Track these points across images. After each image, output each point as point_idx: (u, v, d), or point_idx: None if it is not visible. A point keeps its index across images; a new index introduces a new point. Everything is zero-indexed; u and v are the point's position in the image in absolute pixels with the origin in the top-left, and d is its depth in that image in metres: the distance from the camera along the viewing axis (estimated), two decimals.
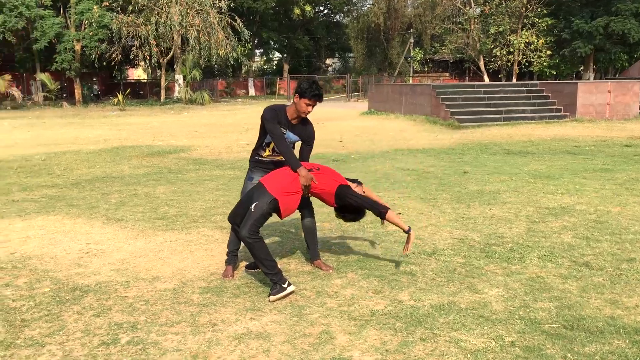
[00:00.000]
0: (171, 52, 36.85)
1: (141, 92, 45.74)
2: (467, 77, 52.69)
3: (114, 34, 33.59)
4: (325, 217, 6.60)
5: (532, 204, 7.30)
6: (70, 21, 35.72)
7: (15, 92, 32.32)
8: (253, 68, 55.42)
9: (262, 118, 4.72)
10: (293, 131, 4.79)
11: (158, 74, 41.15)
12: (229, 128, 19.66)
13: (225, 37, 35.38)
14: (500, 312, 4.01)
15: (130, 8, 33.99)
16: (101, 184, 9.13)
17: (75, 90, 37.05)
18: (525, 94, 20.11)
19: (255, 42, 52.49)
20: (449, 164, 10.84)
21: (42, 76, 34.30)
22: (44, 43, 33.95)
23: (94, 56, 34.31)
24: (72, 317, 3.95)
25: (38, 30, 33.98)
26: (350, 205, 4.63)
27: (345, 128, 18.54)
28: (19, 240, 5.89)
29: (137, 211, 7.19)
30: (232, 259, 4.89)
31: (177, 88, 36.75)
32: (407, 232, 4.59)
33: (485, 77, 41.70)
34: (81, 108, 32.25)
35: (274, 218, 4.68)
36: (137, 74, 59.86)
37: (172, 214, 7.02)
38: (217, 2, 35.40)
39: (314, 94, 4.62)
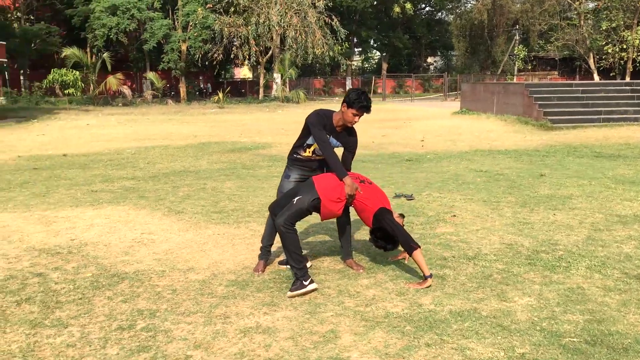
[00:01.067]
0: (270, 52, 37.78)
1: (242, 91, 47.27)
2: (577, 76, 49.97)
3: (216, 35, 34.94)
4: None
5: (603, 211, 6.84)
6: (177, 23, 37.59)
7: (126, 90, 34.43)
8: (353, 67, 55.71)
9: (308, 122, 4.72)
10: (337, 138, 4.78)
11: (258, 73, 42.37)
12: None
13: (322, 36, 35.77)
14: (522, 322, 3.81)
15: (232, 9, 35.21)
16: (175, 178, 9.56)
17: (181, 89, 38.94)
18: (629, 94, 18.78)
19: (354, 40, 52.72)
20: (527, 166, 10.37)
21: (150, 75, 36.33)
22: (153, 43, 35.95)
23: (197, 56, 35.88)
24: (102, 302, 4.19)
25: (148, 32, 36.04)
26: (385, 231, 4.56)
27: (431, 127, 18.21)
28: (83, 228, 6.30)
29: (198, 204, 7.47)
30: (264, 254, 4.97)
31: (274, 87, 37.64)
32: (426, 277, 4.47)
33: (595, 76, 39.39)
34: (184, 105, 33.80)
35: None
36: (243, 72, 61.86)
37: (229, 209, 7.23)
38: (315, 1, 35.87)
39: (362, 105, 4.57)
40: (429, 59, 65.69)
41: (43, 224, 6.49)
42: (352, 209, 4.81)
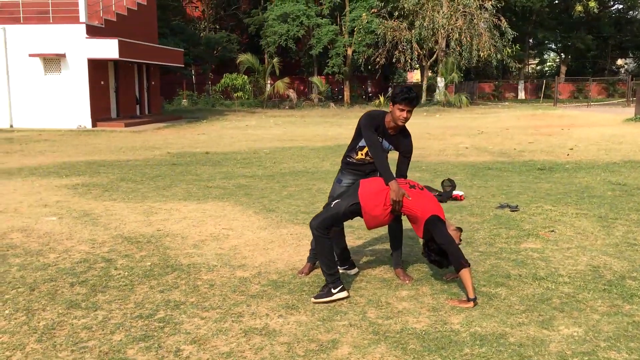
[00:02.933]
0: (434, 55, 37.17)
1: None
2: None
3: (379, 39, 35.19)
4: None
5: None
6: (344, 28, 38.50)
7: (292, 94, 36.00)
8: (529, 70, 52.77)
9: (359, 123, 4.61)
10: (389, 141, 4.60)
11: (424, 77, 41.91)
12: (462, 130, 19.20)
13: (490, 37, 34.37)
14: (550, 354, 3.33)
15: (396, 13, 35.21)
16: (290, 178, 9.79)
17: (345, 92, 39.81)
18: None
19: (530, 42, 49.89)
20: None
21: (315, 79, 37.61)
22: (319, 49, 37.17)
23: (361, 60, 36.43)
24: (142, 290, 4.43)
25: (315, 37, 37.35)
26: (436, 243, 4.25)
27: (590, 135, 16.63)
28: (175, 220, 6.71)
29: (293, 204, 7.57)
30: (312, 257, 4.89)
31: (437, 90, 36.96)
32: (469, 299, 4.08)
33: None
34: (345, 109, 34.51)
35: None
36: (416, 77, 61.48)
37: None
38: (483, 2, 34.59)
39: (404, 97, 4.35)
40: (619, 61, 59.98)
41: (145, 214, 7.01)
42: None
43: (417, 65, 37.63)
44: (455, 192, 7.86)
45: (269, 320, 3.85)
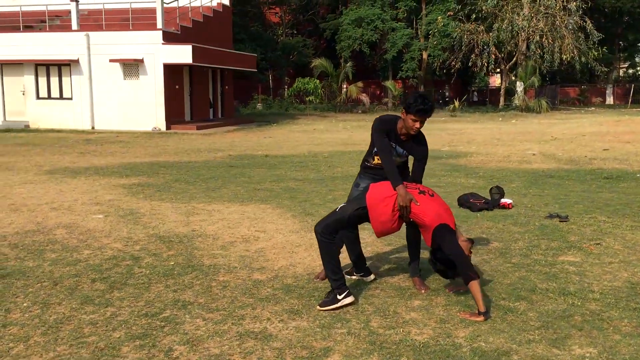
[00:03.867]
0: (514, 58, 36.01)
1: (486, 99, 45.80)
2: None
3: (455, 42, 34.49)
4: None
5: None
6: (419, 31, 38.04)
7: (364, 98, 35.89)
8: (619, 74, 50.13)
9: (372, 128, 4.53)
10: (402, 147, 4.47)
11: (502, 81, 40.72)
12: (535, 137, 18.45)
13: (574, 40, 32.91)
14: None
15: (474, 16, 34.39)
16: (339, 182, 9.72)
17: None
18: None
19: (620, 44, 47.38)
20: None
21: (389, 83, 37.33)
22: (393, 53, 36.93)
23: (436, 64, 35.84)
24: (156, 289, 4.50)
25: (389, 42, 37.12)
26: (443, 252, 4.08)
27: None
28: (212, 221, 6.80)
29: (332, 208, 7.49)
30: None
31: (515, 95, 35.77)
32: (480, 313, 3.88)
33: None
34: None
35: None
36: (499, 82, 59.77)
37: None
38: (566, 3, 33.17)
39: (418, 109, 4.21)
40: None
41: (186, 215, 7.16)
42: None
43: (496, 69, 36.56)
44: (503, 200, 7.54)
45: (268, 325, 3.81)
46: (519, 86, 35.45)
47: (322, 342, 3.55)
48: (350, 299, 4.10)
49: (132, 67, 22.27)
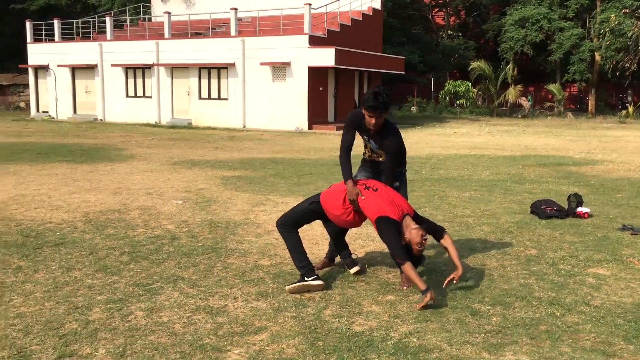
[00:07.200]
0: None
1: None
2: None
3: (630, 42, 31.47)
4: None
5: None
6: (592, 31, 35.27)
7: (524, 102, 34.12)
8: None
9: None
10: (375, 141, 4.56)
11: None
12: None
13: None
14: None
15: None
16: (428, 183, 9.58)
17: (589, 101, 36.43)
18: None
19: None
20: None
21: (552, 86, 35.06)
22: (559, 54, 34.64)
23: (608, 66, 33.00)
24: (166, 265, 4.95)
25: (555, 42, 34.89)
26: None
27: None
28: (271, 212, 7.15)
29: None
30: (329, 254, 4.97)
31: None
32: (422, 292, 3.90)
33: None
34: (583, 119, 31.57)
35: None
36: None
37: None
38: None
39: (369, 105, 4.33)
40: None
41: (252, 205, 7.61)
42: None
43: None
44: (579, 209, 6.98)
45: (230, 302, 4.07)
46: None
47: (263, 322, 3.73)
48: (317, 282, 4.25)
49: (280, 69, 23.55)
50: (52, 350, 3.32)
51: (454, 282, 4.20)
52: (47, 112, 29.56)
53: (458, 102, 32.50)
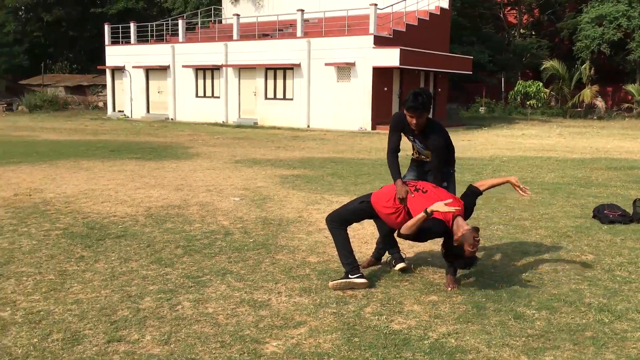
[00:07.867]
0: None
1: None
2: None
3: None
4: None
5: None
6: None
7: (599, 103, 32.78)
8: None
9: None
10: (420, 141, 4.58)
11: None
12: None
13: None
14: None
15: None
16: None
17: None
18: None
19: None
20: None
21: (630, 87, 33.51)
22: (639, 53, 33.08)
23: None
24: (218, 259, 5.11)
25: (635, 41, 33.35)
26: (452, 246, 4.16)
27: None
28: (324, 210, 7.18)
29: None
30: (376, 253, 5.00)
31: None
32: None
33: None
34: None
35: None
36: None
37: (474, 217, 6.96)
38: None
39: (408, 106, 4.38)
40: None
41: (307, 203, 7.71)
42: None
43: None
44: None
45: (273, 297, 4.17)
46: None
47: (304, 317, 3.81)
48: (362, 280, 4.28)
49: (344, 70, 23.63)
50: (103, 335, 3.51)
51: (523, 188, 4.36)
52: (123, 111, 30.84)
53: (528, 102, 31.53)
